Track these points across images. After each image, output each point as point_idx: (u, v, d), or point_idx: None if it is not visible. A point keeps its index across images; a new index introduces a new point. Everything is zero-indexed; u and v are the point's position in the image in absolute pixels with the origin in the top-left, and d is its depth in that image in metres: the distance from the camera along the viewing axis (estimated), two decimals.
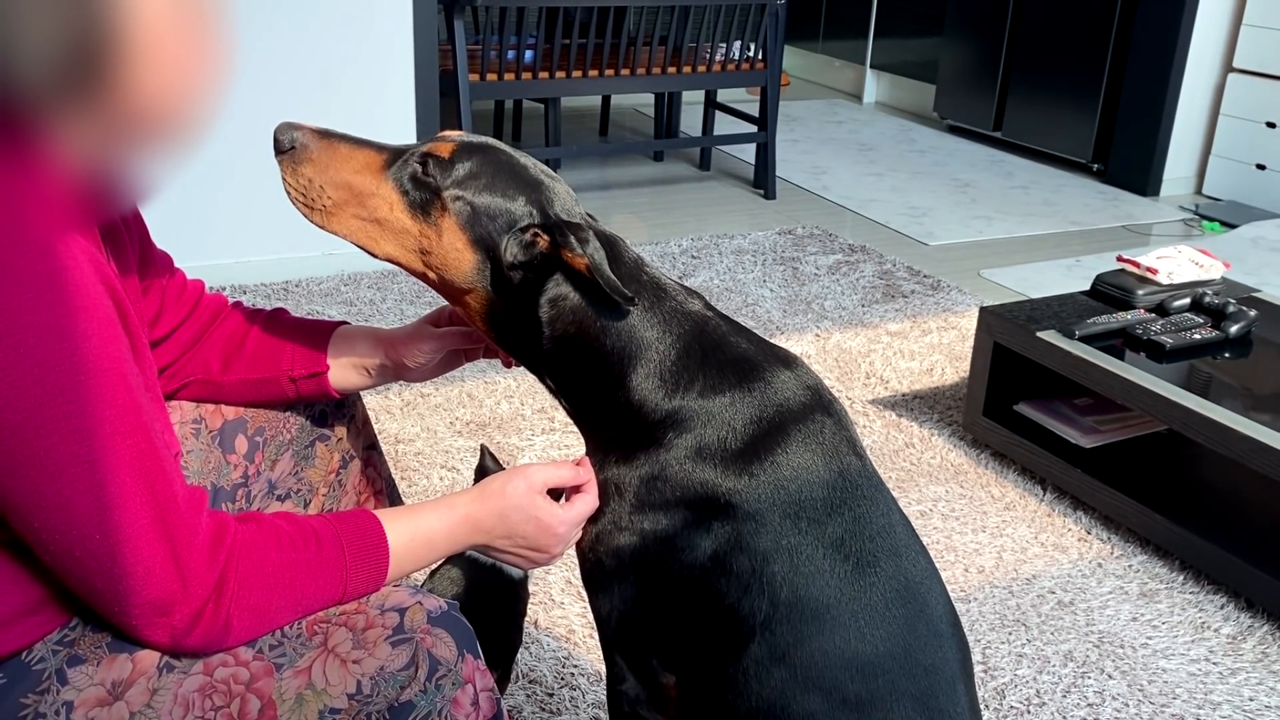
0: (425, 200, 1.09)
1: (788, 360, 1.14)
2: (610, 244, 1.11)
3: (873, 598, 1.04)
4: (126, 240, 1.11)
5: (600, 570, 1.13)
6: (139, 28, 0.85)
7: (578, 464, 1.14)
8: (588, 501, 1.12)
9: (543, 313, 1.10)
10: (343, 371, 1.28)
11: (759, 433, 1.07)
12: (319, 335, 1.29)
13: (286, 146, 1.08)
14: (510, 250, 1.08)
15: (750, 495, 1.05)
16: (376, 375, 1.29)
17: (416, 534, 1.06)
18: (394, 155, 1.10)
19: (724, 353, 1.11)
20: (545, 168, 1.15)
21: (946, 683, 1.06)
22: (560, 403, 1.18)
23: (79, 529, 0.86)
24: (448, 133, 1.15)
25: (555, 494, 1.14)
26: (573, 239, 1.07)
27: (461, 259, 1.09)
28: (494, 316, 1.12)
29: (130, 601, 0.89)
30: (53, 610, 0.95)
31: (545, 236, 1.08)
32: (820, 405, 1.11)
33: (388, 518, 1.05)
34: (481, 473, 1.59)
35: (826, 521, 1.05)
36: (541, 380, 1.17)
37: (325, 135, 1.10)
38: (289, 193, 1.09)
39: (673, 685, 1.12)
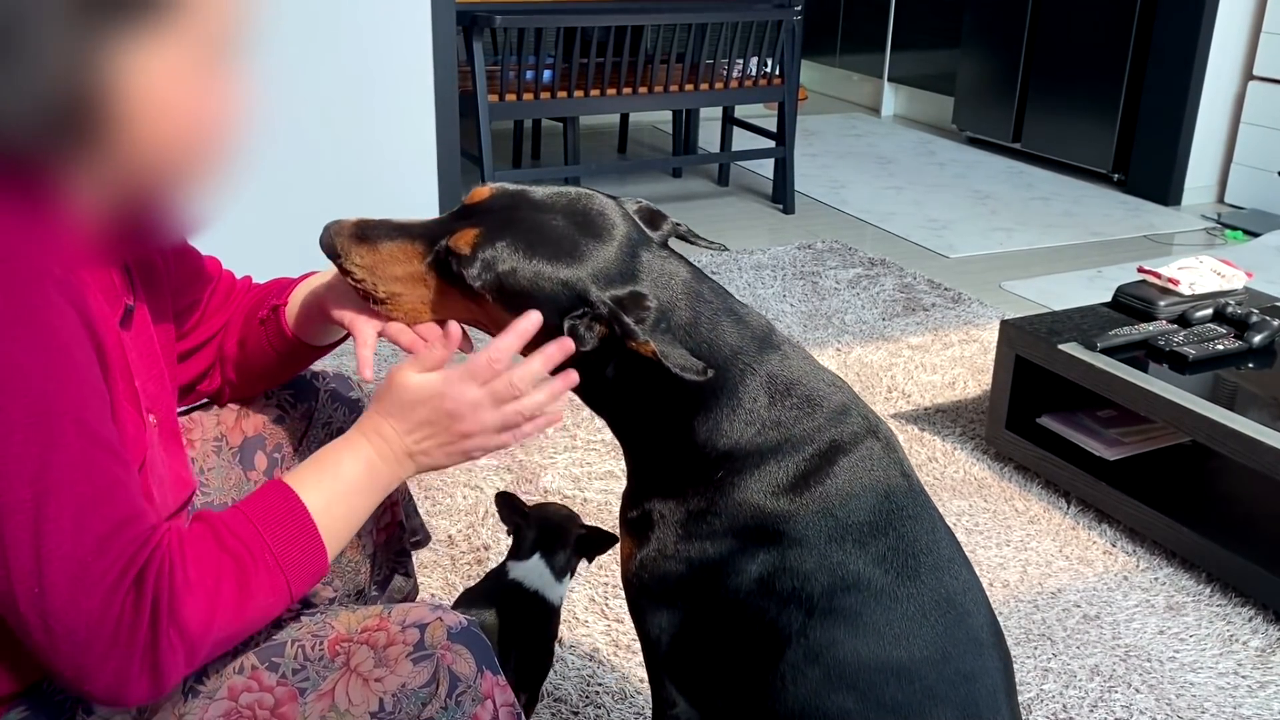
0: (467, 288, 1.05)
1: (839, 387, 1.13)
2: (664, 314, 1.05)
3: (910, 607, 1.05)
4: (160, 263, 1.12)
5: (646, 594, 1.13)
6: (141, 83, 0.85)
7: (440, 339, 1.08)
8: (437, 352, 1.05)
9: (610, 371, 1.08)
10: (296, 306, 1.22)
11: (810, 467, 1.07)
12: (295, 281, 1.26)
13: (336, 254, 1.08)
14: (581, 340, 1.04)
15: (798, 523, 1.06)
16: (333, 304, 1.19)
17: (335, 489, 0.99)
18: (428, 242, 1.07)
19: (791, 394, 1.09)
20: (586, 206, 1.08)
21: (988, 692, 1.06)
22: (613, 432, 1.16)
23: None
24: (474, 195, 1.10)
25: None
26: (633, 327, 1.02)
27: None
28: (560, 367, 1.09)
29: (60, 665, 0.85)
30: None
31: (603, 326, 1.04)
32: (870, 431, 1.11)
33: (297, 478, 0.99)
34: (510, 516, 1.61)
35: (870, 542, 1.06)
36: (596, 413, 1.15)
37: (362, 237, 1.07)
38: (353, 285, 1.10)
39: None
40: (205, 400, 1.32)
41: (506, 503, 1.58)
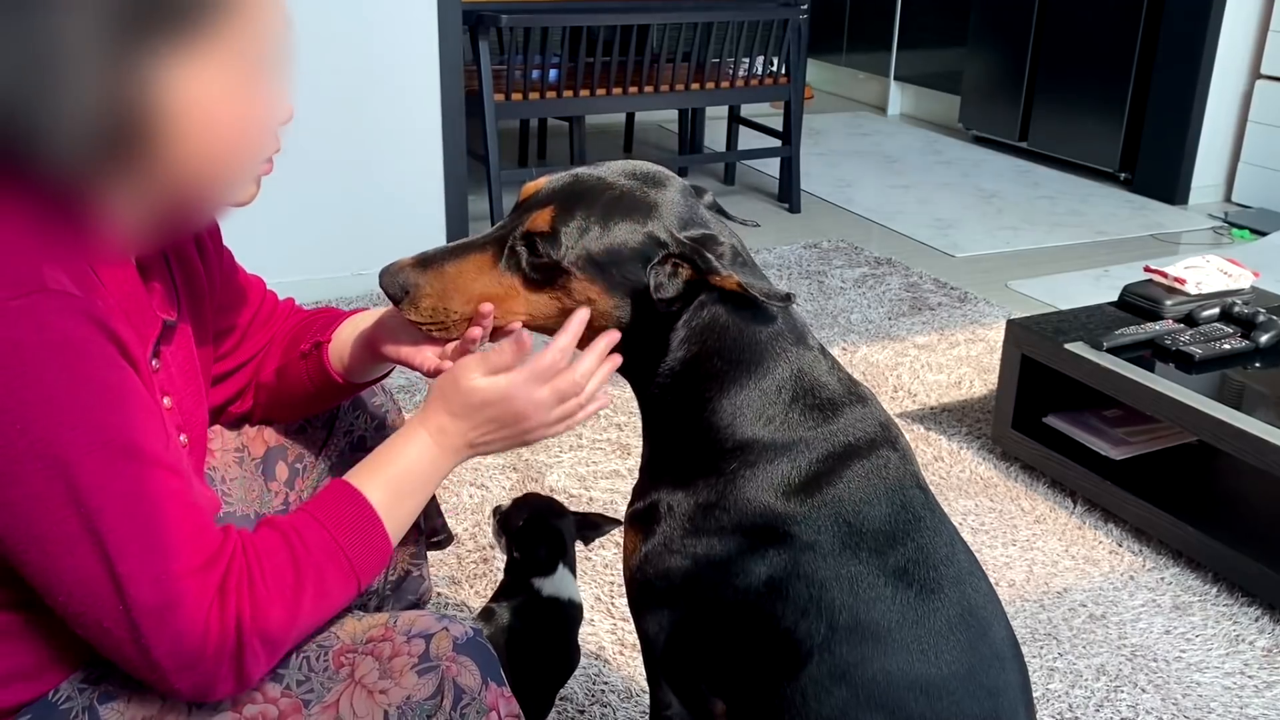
0: (549, 275, 1.06)
1: (863, 398, 1.13)
2: (736, 253, 1.09)
3: (936, 622, 1.05)
4: (205, 282, 1.13)
5: (649, 591, 1.12)
6: (184, 99, 0.85)
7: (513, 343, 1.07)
8: (507, 356, 1.06)
9: (676, 334, 1.08)
10: (344, 345, 1.23)
11: (824, 469, 1.07)
12: (340, 317, 1.27)
13: (401, 295, 1.06)
14: (663, 287, 1.06)
15: (808, 525, 1.05)
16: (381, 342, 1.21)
17: (400, 486, 1.03)
18: (498, 245, 1.07)
19: (814, 395, 1.10)
20: (639, 169, 1.11)
21: (1009, 706, 1.06)
22: (642, 411, 1.16)
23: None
24: (530, 188, 1.11)
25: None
26: (715, 262, 1.04)
27: (599, 305, 1.07)
28: (626, 342, 1.10)
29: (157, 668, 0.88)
30: (72, 655, 0.96)
31: (686, 265, 1.05)
32: (887, 440, 1.11)
33: (360, 477, 1.03)
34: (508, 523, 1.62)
35: (888, 552, 1.06)
36: (638, 393, 1.15)
37: (426, 264, 1.07)
38: (420, 326, 1.08)
39: (722, 713, 1.12)
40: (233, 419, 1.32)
41: (507, 521, 1.61)
